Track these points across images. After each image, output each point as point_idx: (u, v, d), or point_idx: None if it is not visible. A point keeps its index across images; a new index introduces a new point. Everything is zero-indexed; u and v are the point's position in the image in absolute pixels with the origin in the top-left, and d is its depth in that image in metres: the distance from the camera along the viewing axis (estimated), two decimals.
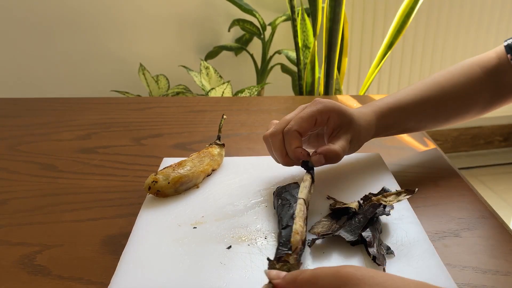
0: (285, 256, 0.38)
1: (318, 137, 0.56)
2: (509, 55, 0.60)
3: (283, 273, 0.34)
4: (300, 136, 0.50)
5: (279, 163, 0.53)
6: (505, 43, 0.61)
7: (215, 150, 0.60)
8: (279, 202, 0.47)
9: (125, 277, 0.41)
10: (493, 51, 0.62)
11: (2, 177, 0.63)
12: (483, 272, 0.44)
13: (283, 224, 0.43)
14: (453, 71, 0.61)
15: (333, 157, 0.49)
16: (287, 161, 0.51)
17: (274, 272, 0.34)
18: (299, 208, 0.43)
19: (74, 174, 0.64)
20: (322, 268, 0.31)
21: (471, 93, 0.60)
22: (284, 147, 0.50)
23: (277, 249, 0.40)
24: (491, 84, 0.61)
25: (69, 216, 0.54)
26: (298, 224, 0.41)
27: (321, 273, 0.31)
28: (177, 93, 1.48)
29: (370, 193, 0.49)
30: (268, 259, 0.38)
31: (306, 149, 0.50)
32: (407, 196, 0.48)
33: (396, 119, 0.58)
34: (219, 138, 0.62)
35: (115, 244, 0.48)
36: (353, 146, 0.54)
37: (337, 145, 0.50)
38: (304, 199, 0.44)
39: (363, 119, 0.55)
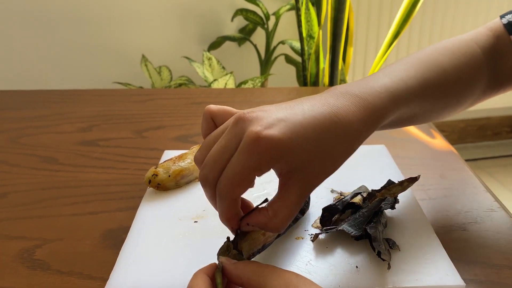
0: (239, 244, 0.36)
1: None
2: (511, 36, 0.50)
3: (233, 261, 0.34)
4: (236, 203, 0.35)
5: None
6: (504, 21, 0.51)
7: None
8: None
9: (124, 272, 0.40)
10: (486, 28, 0.52)
11: (2, 170, 0.62)
12: (491, 267, 0.43)
13: None
14: (452, 48, 0.49)
15: (268, 230, 0.35)
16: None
17: (224, 258, 0.34)
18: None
19: (74, 167, 0.63)
20: (272, 266, 0.32)
21: (473, 76, 0.49)
22: (215, 199, 0.36)
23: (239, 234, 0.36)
24: (490, 67, 0.50)
25: (69, 209, 0.53)
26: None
27: (268, 269, 0.31)
28: (180, 85, 1.47)
29: (373, 190, 0.47)
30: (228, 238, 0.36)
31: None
32: (411, 185, 0.47)
33: (409, 108, 0.42)
34: None
35: (115, 238, 0.48)
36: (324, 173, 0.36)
37: (275, 212, 0.34)
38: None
39: (348, 128, 0.35)
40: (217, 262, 0.34)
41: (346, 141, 0.35)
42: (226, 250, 0.35)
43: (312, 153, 0.33)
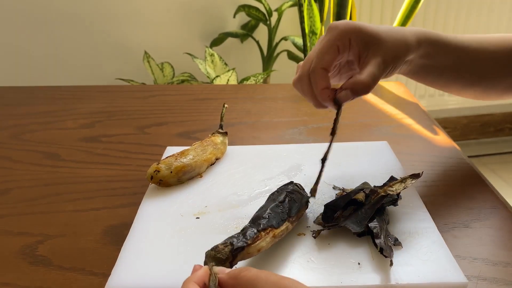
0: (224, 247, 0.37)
1: (349, 65, 0.50)
2: None
3: (228, 270, 0.33)
4: (326, 73, 0.44)
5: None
6: None
7: (218, 138, 0.58)
8: (285, 198, 0.44)
9: (126, 267, 0.40)
10: None
11: (5, 166, 0.63)
12: (494, 264, 0.42)
13: (257, 220, 0.41)
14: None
15: (361, 90, 0.44)
16: (319, 104, 0.46)
17: (217, 268, 0.34)
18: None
19: (77, 163, 0.63)
20: (266, 273, 0.31)
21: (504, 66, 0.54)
22: (312, 90, 0.45)
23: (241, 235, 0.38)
24: None
25: (72, 205, 0.53)
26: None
27: (264, 278, 0.31)
28: (182, 81, 1.47)
29: (375, 186, 0.47)
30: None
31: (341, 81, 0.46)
32: (413, 181, 0.46)
33: (439, 48, 0.50)
34: (221, 127, 0.61)
35: (117, 234, 0.48)
36: (389, 67, 0.46)
37: (365, 74, 0.44)
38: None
39: (396, 34, 0.47)
40: (207, 265, 0.34)
41: None
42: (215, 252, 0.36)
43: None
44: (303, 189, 0.47)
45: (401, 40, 0.47)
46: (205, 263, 0.35)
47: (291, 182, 0.47)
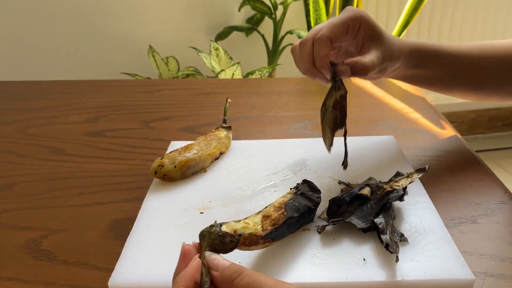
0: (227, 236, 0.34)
1: (347, 55, 0.51)
2: None
3: (222, 265, 0.31)
4: (330, 44, 0.46)
5: (304, 73, 0.49)
6: None
7: (222, 133, 0.58)
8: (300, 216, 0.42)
9: (129, 263, 0.40)
10: None
11: (10, 161, 0.63)
12: (501, 260, 0.42)
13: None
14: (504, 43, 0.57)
15: (360, 70, 0.45)
16: (313, 71, 0.48)
17: (215, 261, 0.31)
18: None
19: (81, 157, 0.63)
20: (262, 277, 0.29)
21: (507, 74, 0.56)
22: (312, 55, 0.47)
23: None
24: None
25: (76, 200, 0.53)
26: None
27: (259, 283, 0.29)
28: (187, 75, 1.47)
29: (381, 181, 0.47)
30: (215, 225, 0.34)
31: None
32: (419, 175, 0.46)
33: (431, 59, 0.54)
34: (224, 121, 0.60)
35: (121, 229, 0.47)
36: (383, 64, 0.49)
37: (367, 58, 0.46)
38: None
39: (395, 39, 0.51)
40: (200, 254, 0.31)
41: None
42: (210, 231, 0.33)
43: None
44: (316, 189, 0.45)
45: (397, 46, 0.50)
46: (200, 241, 0.33)
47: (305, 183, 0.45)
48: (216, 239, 0.33)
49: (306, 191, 0.44)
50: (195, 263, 0.31)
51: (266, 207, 0.41)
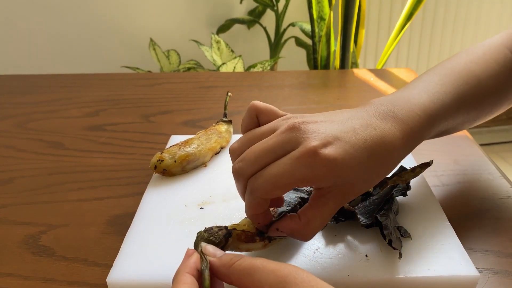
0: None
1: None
2: None
3: (220, 252, 0.31)
4: (266, 204, 0.35)
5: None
6: None
7: (222, 127, 0.57)
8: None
9: (128, 258, 0.40)
10: None
11: (9, 155, 0.62)
12: (506, 257, 0.41)
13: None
14: (483, 56, 0.49)
15: (297, 238, 0.37)
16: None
17: (211, 248, 0.31)
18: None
19: (81, 152, 0.62)
20: (262, 260, 0.28)
21: (506, 84, 0.49)
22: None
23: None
24: None
25: (75, 195, 0.53)
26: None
27: (260, 266, 0.28)
28: (189, 69, 1.46)
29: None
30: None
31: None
32: (423, 170, 0.45)
33: (443, 126, 0.43)
34: (225, 115, 0.60)
35: (120, 225, 0.47)
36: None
37: (308, 220, 0.35)
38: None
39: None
40: (197, 247, 0.32)
41: (389, 164, 0.37)
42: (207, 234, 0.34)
43: (358, 173, 0.34)
44: None
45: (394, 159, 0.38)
46: (195, 245, 0.33)
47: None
48: (205, 233, 0.34)
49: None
50: (194, 255, 0.31)
51: None
